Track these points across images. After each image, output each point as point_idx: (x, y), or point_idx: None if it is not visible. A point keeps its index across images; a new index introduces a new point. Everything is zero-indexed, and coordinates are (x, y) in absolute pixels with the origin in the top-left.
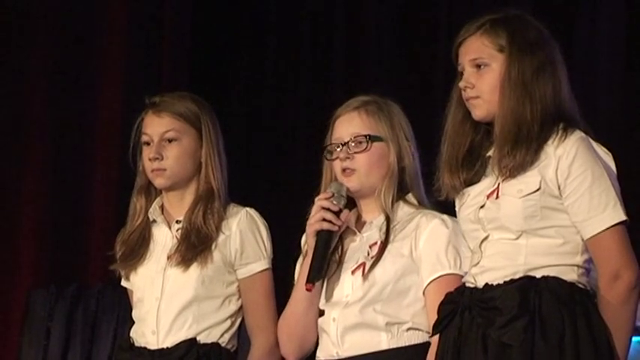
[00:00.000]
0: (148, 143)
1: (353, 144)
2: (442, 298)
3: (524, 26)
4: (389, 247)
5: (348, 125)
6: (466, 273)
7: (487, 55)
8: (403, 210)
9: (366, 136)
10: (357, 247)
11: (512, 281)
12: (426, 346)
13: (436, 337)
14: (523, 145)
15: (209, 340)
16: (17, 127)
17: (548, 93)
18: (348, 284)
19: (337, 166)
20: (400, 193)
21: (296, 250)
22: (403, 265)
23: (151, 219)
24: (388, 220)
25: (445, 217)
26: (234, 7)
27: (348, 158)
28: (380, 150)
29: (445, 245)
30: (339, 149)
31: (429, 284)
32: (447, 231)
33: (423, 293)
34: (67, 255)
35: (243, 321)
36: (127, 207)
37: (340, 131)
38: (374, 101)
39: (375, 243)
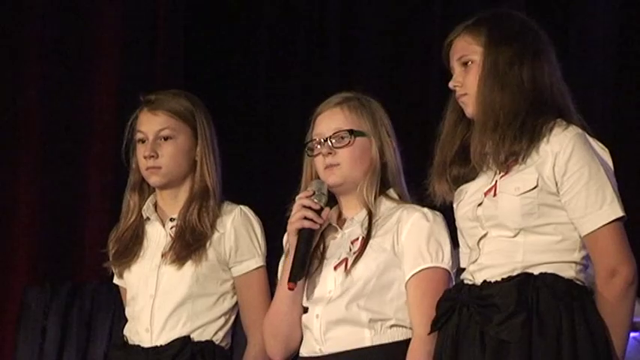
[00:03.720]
0: (142, 141)
1: (335, 139)
2: (424, 291)
3: (506, 19)
4: (371, 242)
5: (330, 121)
6: (463, 269)
7: (470, 51)
8: (385, 205)
9: (348, 130)
10: (339, 244)
11: (509, 278)
12: (408, 343)
13: (421, 333)
14: (496, 134)
15: (203, 338)
16: (11, 127)
17: (526, 82)
18: (330, 280)
19: (319, 162)
20: (382, 189)
21: None
22: (385, 260)
23: (145, 216)
24: (370, 215)
25: (426, 210)
26: (227, 5)
27: (330, 153)
28: (362, 145)
29: (426, 238)
30: (320, 145)
31: (410, 278)
32: (427, 224)
33: (405, 287)
34: (62, 253)
35: (237, 319)
36: (121, 204)
37: (322, 127)
38: (355, 97)
39: (357, 239)
